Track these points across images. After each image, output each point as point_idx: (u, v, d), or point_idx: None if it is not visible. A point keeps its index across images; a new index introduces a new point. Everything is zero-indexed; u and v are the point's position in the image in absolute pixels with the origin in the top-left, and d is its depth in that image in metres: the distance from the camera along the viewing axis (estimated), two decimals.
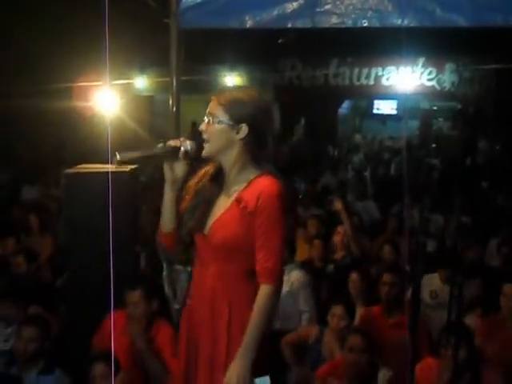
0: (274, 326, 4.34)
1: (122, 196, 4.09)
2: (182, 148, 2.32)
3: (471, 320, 3.88)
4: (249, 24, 3.55)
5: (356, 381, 3.47)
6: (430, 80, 13.02)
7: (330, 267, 5.38)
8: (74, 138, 9.08)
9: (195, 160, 2.36)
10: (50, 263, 5.36)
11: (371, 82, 13.70)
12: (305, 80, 14.04)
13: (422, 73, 12.98)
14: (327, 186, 9.40)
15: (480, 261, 5.35)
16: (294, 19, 3.56)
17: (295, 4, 3.52)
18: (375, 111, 18.09)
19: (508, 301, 3.85)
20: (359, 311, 4.22)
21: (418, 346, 3.37)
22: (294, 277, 4.71)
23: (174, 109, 4.43)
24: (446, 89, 13.05)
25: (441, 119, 17.43)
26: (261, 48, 11.38)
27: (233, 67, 13.50)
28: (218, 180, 2.38)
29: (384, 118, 17.72)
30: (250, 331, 2.23)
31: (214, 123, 2.32)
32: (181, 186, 2.39)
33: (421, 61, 12.83)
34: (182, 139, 2.34)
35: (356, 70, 13.71)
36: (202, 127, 2.34)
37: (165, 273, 4.14)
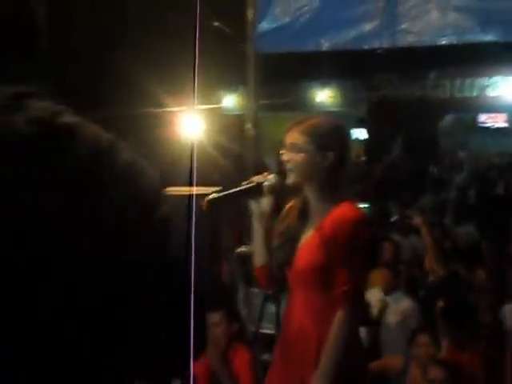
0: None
1: (202, 219, 4.37)
2: (267, 183, 2.45)
3: None
4: (325, 47, 3.74)
5: None
6: None
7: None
8: (165, 162, 9.51)
9: (281, 193, 2.49)
10: None
11: (474, 94, 13.46)
12: (401, 95, 13.99)
13: None
14: (427, 207, 9.30)
15: None
16: (371, 40, 3.71)
17: (372, 25, 3.67)
18: (481, 125, 17.68)
19: None
20: (445, 342, 4.25)
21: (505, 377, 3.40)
22: (404, 306, 4.90)
23: (254, 131, 4.67)
24: None
25: None
26: (353, 63, 11.49)
27: (324, 84, 13.66)
28: (305, 213, 2.52)
29: (491, 133, 17.29)
30: (325, 356, 2.38)
31: (299, 153, 2.43)
32: (270, 219, 2.53)
33: None
34: (265, 174, 2.48)
35: (457, 82, 13.52)
36: (285, 157, 2.46)
37: (241, 295, 4.36)
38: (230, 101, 13.23)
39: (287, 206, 2.58)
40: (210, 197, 2.34)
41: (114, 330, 1.03)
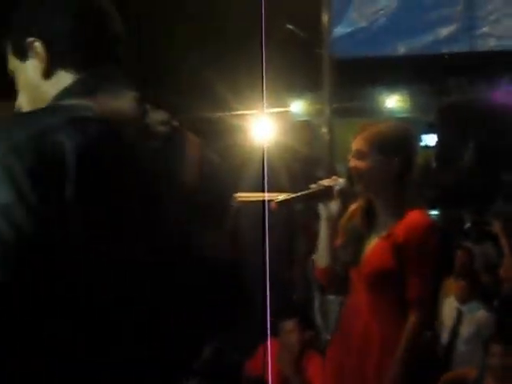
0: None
1: (275, 224, 4.38)
2: (337, 186, 2.49)
3: None
4: (401, 51, 3.68)
5: None
6: None
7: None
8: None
9: (349, 197, 2.55)
10: None
11: None
12: (472, 100, 13.68)
13: None
14: (501, 215, 9.04)
15: None
16: (450, 44, 3.62)
17: (450, 28, 3.58)
18: None
19: None
20: None
21: None
22: (479, 316, 4.84)
23: (328, 136, 4.65)
24: None
25: None
26: (422, 68, 11.31)
27: (393, 89, 13.48)
28: (370, 215, 2.55)
29: None
30: (395, 362, 2.38)
31: (363, 159, 2.47)
32: (336, 222, 2.58)
33: None
34: (334, 177, 2.52)
35: None
36: (351, 164, 2.51)
37: (316, 303, 4.34)
38: (299, 105, 13.24)
39: (352, 207, 2.61)
40: (280, 198, 2.39)
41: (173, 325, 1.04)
